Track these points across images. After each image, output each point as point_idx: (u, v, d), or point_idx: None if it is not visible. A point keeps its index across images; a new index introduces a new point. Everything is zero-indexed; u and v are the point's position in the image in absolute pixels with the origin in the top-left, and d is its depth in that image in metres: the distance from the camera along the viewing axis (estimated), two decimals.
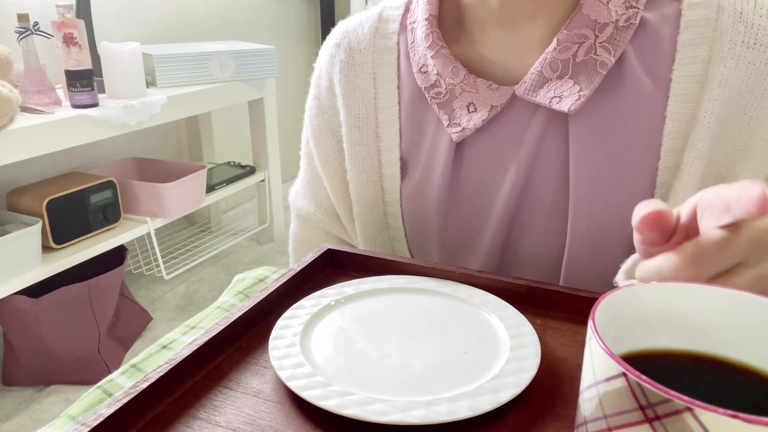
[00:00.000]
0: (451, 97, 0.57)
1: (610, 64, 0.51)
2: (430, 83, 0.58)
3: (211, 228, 2.33)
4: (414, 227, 0.63)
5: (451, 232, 0.60)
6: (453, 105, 0.57)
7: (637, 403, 0.23)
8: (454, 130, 0.57)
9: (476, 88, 0.56)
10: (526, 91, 0.54)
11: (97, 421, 0.36)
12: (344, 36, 0.64)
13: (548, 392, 0.40)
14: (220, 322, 0.46)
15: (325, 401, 0.38)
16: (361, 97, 0.62)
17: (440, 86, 0.58)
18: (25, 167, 1.63)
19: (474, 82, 0.56)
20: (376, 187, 0.63)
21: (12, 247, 1.36)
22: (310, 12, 2.91)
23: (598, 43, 0.52)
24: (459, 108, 0.57)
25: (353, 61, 0.62)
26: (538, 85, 0.54)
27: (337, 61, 0.63)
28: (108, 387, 0.55)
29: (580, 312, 0.49)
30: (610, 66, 0.52)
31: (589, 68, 0.52)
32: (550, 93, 0.53)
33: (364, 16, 0.64)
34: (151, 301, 1.92)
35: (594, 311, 0.27)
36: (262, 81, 2.07)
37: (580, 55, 0.52)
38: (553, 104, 0.53)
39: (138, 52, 1.61)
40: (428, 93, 0.58)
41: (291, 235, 0.76)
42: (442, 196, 0.59)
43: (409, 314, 0.49)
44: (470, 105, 0.56)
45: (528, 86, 0.54)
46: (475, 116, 0.56)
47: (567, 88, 0.52)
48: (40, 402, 1.48)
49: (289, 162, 2.83)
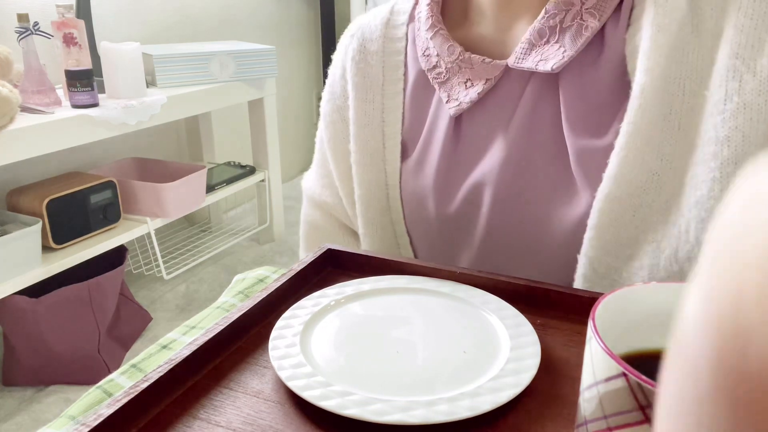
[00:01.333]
0: (450, 76, 0.61)
1: (595, 27, 0.54)
2: (431, 65, 0.62)
3: (211, 228, 2.33)
4: (413, 206, 0.64)
5: (450, 208, 0.61)
6: (452, 82, 0.60)
7: (637, 403, 0.23)
8: (451, 105, 0.60)
9: (471, 64, 0.59)
10: (517, 60, 0.57)
11: (97, 421, 0.36)
12: (359, 28, 0.68)
13: (548, 392, 0.40)
14: (220, 322, 0.46)
15: (325, 401, 0.38)
16: (370, 84, 0.65)
17: (440, 67, 0.61)
18: (25, 167, 1.63)
19: (469, 58, 0.59)
20: (378, 169, 0.65)
21: (12, 247, 1.36)
22: (310, 12, 2.91)
23: (585, 9, 0.54)
24: (457, 85, 0.60)
25: (365, 49, 0.66)
26: (526, 53, 0.56)
27: (350, 50, 0.67)
28: (108, 387, 0.55)
29: (580, 312, 0.49)
30: (596, 30, 0.54)
31: (574, 31, 0.54)
32: (537, 57, 0.56)
33: (378, 10, 0.69)
34: (151, 301, 1.92)
35: (594, 311, 0.27)
36: (262, 81, 2.07)
37: (567, 21, 0.55)
38: (539, 66, 0.55)
39: (138, 52, 1.61)
40: (430, 74, 0.62)
41: (301, 217, 0.79)
42: (441, 171, 0.61)
43: (409, 314, 0.49)
44: (468, 81, 0.60)
45: (518, 55, 0.57)
46: (472, 90, 0.59)
47: (553, 51, 0.55)
48: (40, 402, 1.48)
49: (289, 162, 2.83)
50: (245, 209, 2.59)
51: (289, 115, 2.79)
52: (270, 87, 2.12)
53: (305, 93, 2.93)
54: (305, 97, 2.93)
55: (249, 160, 2.26)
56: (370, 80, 0.65)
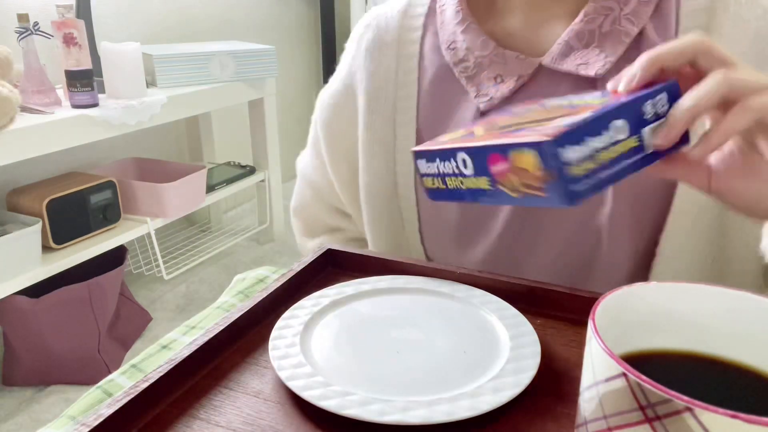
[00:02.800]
0: (479, 70, 0.60)
1: (633, 34, 0.55)
2: (458, 58, 0.62)
3: (211, 228, 2.33)
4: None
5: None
6: (481, 77, 0.60)
7: (637, 403, 0.23)
8: (482, 99, 0.60)
9: (504, 60, 0.59)
10: (553, 60, 0.57)
11: (97, 421, 0.36)
12: (374, 18, 0.69)
13: (548, 392, 0.40)
14: (220, 322, 0.46)
15: (325, 401, 0.38)
16: (384, 72, 0.66)
17: (468, 60, 0.61)
18: (25, 167, 1.62)
19: (503, 53, 0.59)
20: (388, 158, 0.65)
21: (12, 247, 1.36)
22: (310, 12, 2.91)
23: (623, 15, 0.55)
24: (487, 80, 0.60)
25: (379, 38, 0.67)
26: (564, 54, 0.56)
27: (364, 39, 0.68)
28: (108, 387, 0.55)
29: (580, 312, 0.49)
30: (634, 36, 0.55)
31: (614, 37, 0.55)
32: (577, 60, 0.56)
33: (395, 1, 0.69)
34: (151, 301, 1.92)
35: (594, 311, 0.27)
36: (262, 81, 2.07)
37: (606, 26, 0.55)
38: (580, 70, 0.55)
39: (138, 52, 1.61)
40: (456, 68, 0.62)
41: (294, 191, 0.82)
42: None
43: (409, 314, 0.49)
44: (498, 77, 0.59)
45: (555, 56, 0.57)
46: (503, 87, 0.59)
47: (593, 56, 0.55)
48: (40, 402, 1.48)
49: (289, 162, 2.81)
50: (245, 209, 2.59)
51: (289, 115, 2.79)
52: (270, 87, 2.12)
53: (305, 93, 2.93)
54: (305, 97, 2.93)
55: (249, 160, 2.26)
56: (384, 68, 0.65)
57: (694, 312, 0.30)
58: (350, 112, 0.69)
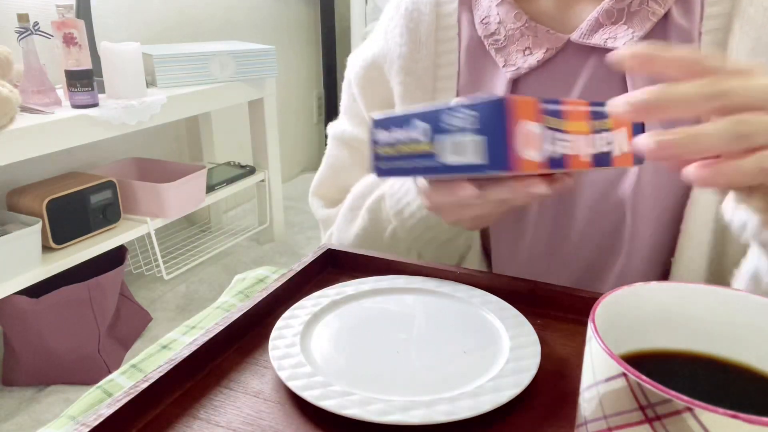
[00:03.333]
0: (509, 43, 0.63)
1: (660, 14, 0.57)
2: (490, 32, 0.64)
3: (211, 228, 2.33)
4: None
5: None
6: (510, 49, 0.63)
7: (637, 403, 0.23)
8: (508, 69, 0.62)
9: (535, 32, 0.62)
10: (582, 35, 0.59)
11: (97, 421, 0.36)
12: None
13: (548, 392, 0.40)
14: (220, 322, 0.46)
15: (325, 401, 0.38)
16: (423, 39, 0.67)
17: (499, 34, 0.64)
18: (25, 167, 1.62)
19: (534, 27, 0.62)
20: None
21: (12, 247, 1.36)
22: (310, 12, 2.91)
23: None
24: (515, 52, 0.63)
25: (418, 9, 0.68)
26: (593, 30, 0.59)
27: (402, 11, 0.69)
28: (108, 387, 0.55)
29: (580, 312, 0.49)
30: (660, 16, 0.57)
31: (642, 15, 0.58)
32: (605, 35, 0.58)
33: None
34: (151, 301, 1.92)
35: (594, 311, 0.27)
36: (262, 81, 2.07)
37: (634, 6, 0.58)
38: (608, 43, 0.58)
39: (138, 52, 1.61)
40: (487, 40, 0.64)
41: (324, 160, 0.79)
42: None
43: (409, 314, 0.49)
44: (526, 49, 0.62)
45: (584, 31, 0.59)
46: (531, 58, 0.61)
47: (621, 31, 0.58)
48: (40, 402, 1.48)
49: (289, 162, 2.83)
50: (245, 209, 2.59)
51: (289, 115, 2.79)
52: (270, 87, 2.12)
53: (305, 93, 2.93)
54: (305, 97, 2.93)
55: (249, 160, 2.26)
56: (423, 36, 0.67)
57: (694, 312, 0.30)
58: (386, 71, 0.70)
